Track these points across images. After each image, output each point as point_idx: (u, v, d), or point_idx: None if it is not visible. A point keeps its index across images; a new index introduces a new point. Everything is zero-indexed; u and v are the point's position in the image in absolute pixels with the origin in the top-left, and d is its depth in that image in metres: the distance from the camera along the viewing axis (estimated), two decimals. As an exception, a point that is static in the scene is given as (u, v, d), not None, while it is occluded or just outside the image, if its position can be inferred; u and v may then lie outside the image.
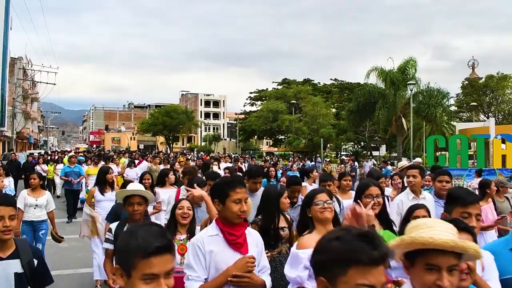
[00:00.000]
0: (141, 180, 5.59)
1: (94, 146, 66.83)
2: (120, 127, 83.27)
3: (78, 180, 10.47)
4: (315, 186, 6.05)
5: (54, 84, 34.18)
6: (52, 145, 74.54)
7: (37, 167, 14.10)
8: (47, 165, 15.13)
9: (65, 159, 15.46)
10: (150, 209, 4.88)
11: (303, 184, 5.54)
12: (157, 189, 5.55)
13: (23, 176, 15.11)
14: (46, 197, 5.75)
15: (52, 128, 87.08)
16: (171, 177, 5.83)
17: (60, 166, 13.99)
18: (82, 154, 20.48)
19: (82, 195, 11.11)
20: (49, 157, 18.13)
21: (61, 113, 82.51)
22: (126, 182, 11.81)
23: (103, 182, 5.81)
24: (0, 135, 30.05)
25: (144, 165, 12.62)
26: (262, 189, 4.01)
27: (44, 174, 12.83)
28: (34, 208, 5.61)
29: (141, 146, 65.33)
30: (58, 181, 13.83)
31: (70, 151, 22.95)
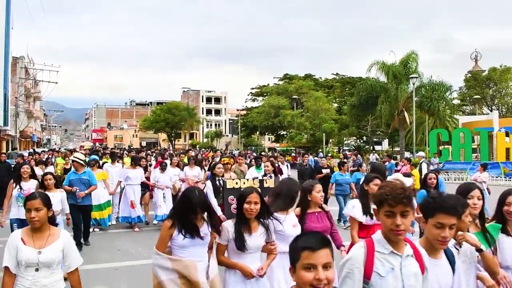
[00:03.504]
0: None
1: (97, 144, 66.99)
2: (122, 124, 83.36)
3: (86, 192, 7.27)
4: None
5: (56, 82, 34.23)
6: (55, 144, 74.82)
7: None
8: (38, 167, 12.08)
9: (59, 159, 12.92)
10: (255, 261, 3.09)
11: None
12: (278, 215, 3.30)
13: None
14: (61, 244, 2.77)
15: (55, 126, 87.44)
16: (316, 195, 3.63)
17: (50, 169, 11.36)
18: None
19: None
20: (45, 158, 14.44)
21: (63, 112, 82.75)
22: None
23: (193, 211, 3.02)
24: (3, 134, 30.15)
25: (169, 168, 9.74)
26: None
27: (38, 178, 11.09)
28: (37, 270, 2.70)
29: (143, 143, 65.43)
30: None
31: (74, 150, 20.38)
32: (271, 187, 5.59)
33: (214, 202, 5.96)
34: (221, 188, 6.15)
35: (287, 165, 11.54)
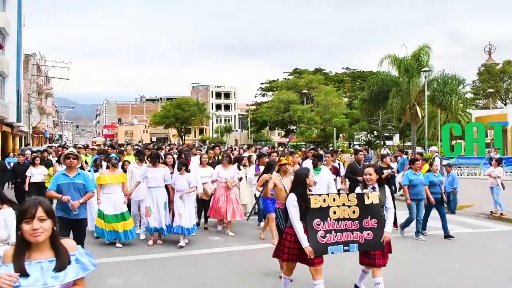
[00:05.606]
0: None
1: (108, 139, 67.70)
2: (132, 120, 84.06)
3: (81, 200, 5.31)
4: None
5: (68, 79, 34.67)
6: (67, 139, 75.89)
7: (31, 170, 9.98)
8: (46, 167, 10.58)
9: None
10: None
11: None
12: None
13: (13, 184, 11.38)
14: None
15: (67, 122, 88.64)
16: None
17: (62, 168, 8.95)
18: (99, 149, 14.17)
19: (92, 225, 7.09)
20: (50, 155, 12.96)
21: (74, 108, 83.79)
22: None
23: None
24: (17, 131, 30.62)
25: (196, 167, 8.19)
26: None
27: (42, 180, 9.92)
28: None
29: (154, 139, 65.92)
30: None
31: (86, 146, 18.60)
32: (376, 204, 4.12)
33: (299, 227, 4.02)
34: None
35: (339, 164, 9.04)
